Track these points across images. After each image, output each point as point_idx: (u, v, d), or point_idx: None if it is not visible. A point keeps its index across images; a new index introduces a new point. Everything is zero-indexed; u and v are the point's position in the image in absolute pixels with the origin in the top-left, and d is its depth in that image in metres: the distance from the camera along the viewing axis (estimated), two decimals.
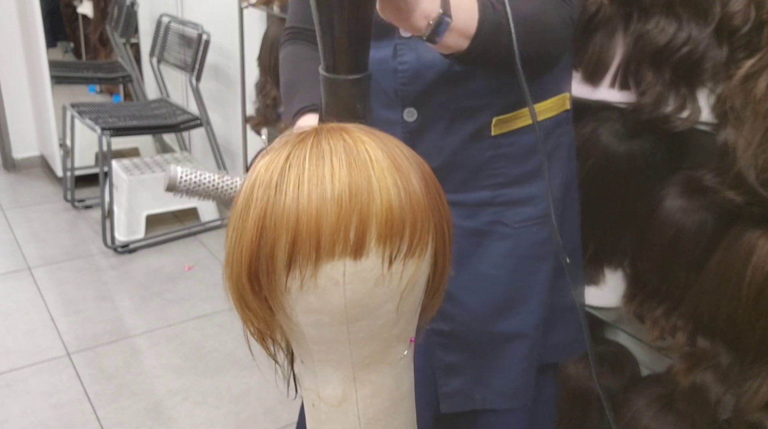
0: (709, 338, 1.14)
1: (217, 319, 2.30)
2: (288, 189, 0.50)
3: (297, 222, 0.49)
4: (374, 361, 0.58)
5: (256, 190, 0.52)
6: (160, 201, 2.87)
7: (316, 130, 0.54)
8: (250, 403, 1.92)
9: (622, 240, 1.32)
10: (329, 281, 0.51)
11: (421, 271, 0.55)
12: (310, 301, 0.53)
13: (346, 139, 0.52)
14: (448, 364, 1.03)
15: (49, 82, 3.07)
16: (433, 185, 0.55)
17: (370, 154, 0.51)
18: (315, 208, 0.49)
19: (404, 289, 0.54)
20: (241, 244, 0.52)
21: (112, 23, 3.58)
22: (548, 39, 0.82)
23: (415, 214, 0.52)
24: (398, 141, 0.56)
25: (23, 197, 3.21)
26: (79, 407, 1.85)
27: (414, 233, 0.52)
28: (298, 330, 0.56)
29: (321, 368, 0.58)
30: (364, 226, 0.50)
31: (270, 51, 2.29)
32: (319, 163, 0.50)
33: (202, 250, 2.80)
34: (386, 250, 0.51)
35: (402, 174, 0.52)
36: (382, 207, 0.50)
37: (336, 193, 0.49)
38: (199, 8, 3.04)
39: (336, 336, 0.55)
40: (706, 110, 1.12)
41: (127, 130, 2.81)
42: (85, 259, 2.67)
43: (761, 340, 1.05)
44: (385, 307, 0.54)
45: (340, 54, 0.62)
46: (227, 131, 3.05)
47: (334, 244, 0.50)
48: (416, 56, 0.88)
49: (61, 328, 2.21)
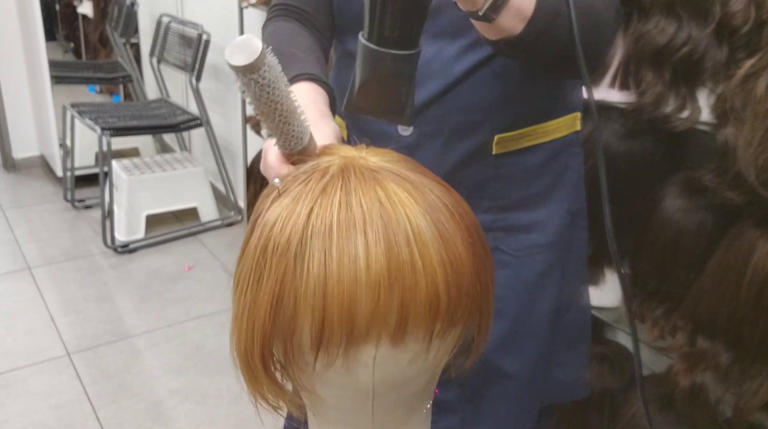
0: (709, 338, 1.14)
1: (217, 319, 2.30)
2: (312, 264, 0.42)
3: (324, 304, 0.42)
4: (397, 423, 0.53)
5: (271, 255, 0.44)
6: (160, 201, 2.87)
7: (342, 172, 0.46)
8: (250, 403, 1.91)
9: (622, 240, 1.32)
10: (358, 364, 0.46)
11: (459, 335, 0.50)
12: (333, 378, 0.47)
13: (382, 199, 0.44)
14: (441, 401, 0.93)
15: (49, 81, 3.07)
16: (478, 241, 0.48)
17: (411, 222, 0.44)
18: (347, 291, 0.42)
19: (439, 360, 0.49)
20: (252, 317, 0.46)
21: (112, 23, 3.58)
22: (603, 32, 0.73)
23: (461, 290, 0.46)
24: (432, 181, 0.48)
25: (23, 197, 3.21)
26: (79, 407, 1.85)
27: (458, 308, 0.46)
28: (315, 399, 0.51)
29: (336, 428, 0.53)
30: (406, 313, 0.43)
31: None
32: (350, 234, 0.42)
33: (202, 250, 2.80)
34: (427, 333, 0.45)
35: (448, 245, 0.45)
36: (426, 291, 0.43)
37: (373, 276, 0.42)
38: (199, 8, 3.05)
39: (358, 406, 0.50)
40: (706, 110, 1.12)
41: (127, 130, 2.81)
42: (85, 259, 2.67)
43: (761, 340, 1.05)
44: (416, 381, 0.49)
45: (392, 21, 0.51)
46: (227, 131, 3.05)
47: (370, 332, 0.44)
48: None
49: (61, 328, 2.21)
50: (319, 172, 0.47)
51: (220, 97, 3.06)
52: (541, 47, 0.67)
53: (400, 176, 0.46)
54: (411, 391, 0.50)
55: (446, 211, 0.46)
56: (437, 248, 0.44)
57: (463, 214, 0.49)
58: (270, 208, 0.46)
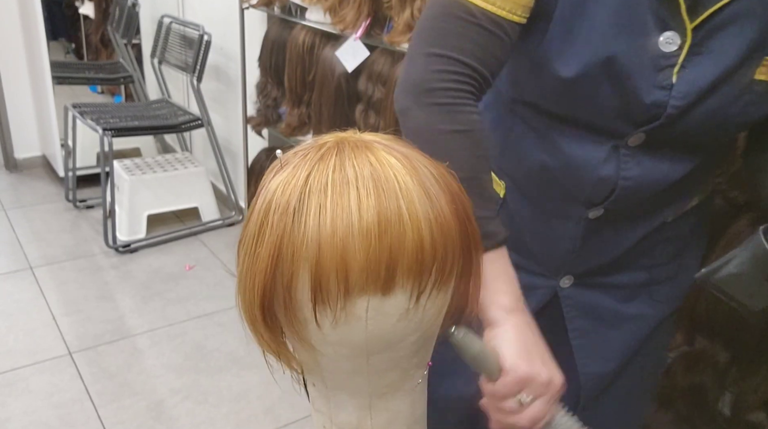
0: (707, 338, 1.14)
1: (218, 318, 2.31)
2: (308, 218, 0.46)
3: (319, 255, 0.45)
4: (392, 389, 0.55)
5: (272, 215, 0.47)
6: (161, 201, 2.87)
7: (337, 145, 0.49)
8: (251, 402, 1.92)
9: None
10: (351, 316, 0.48)
11: (446, 299, 0.52)
12: (329, 334, 0.50)
13: (372, 162, 0.47)
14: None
15: (50, 82, 3.08)
16: (461, 206, 0.51)
17: (399, 180, 0.47)
18: (341, 241, 0.45)
19: (428, 321, 0.52)
20: (253, 271, 0.48)
21: (114, 24, 3.59)
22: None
23: (446, 246, 0.48)
24: (422, 155, 0.51)
25: (25, 197, 3.21)
26: (80, 406, 1.86)
27: (444, 266, 0.49)
28: (313, 359, 0.53)
29: (335, 395, 0.55)
30: (394, 262, 0.46)
31: (270, 52, 2.29)
32: (343, 190, 0.46)
33: (203, 249, 2.81)
34: (414, 285, 0.48)
35: (433, 202, 0.48)
36: (413, 242, 0.46)
37: (365, 226, 0.45)
38: (200, 9, 3.05)
39: (354, 367, 0.52)
40: None
41: (129, 131, 2.82)
42: (87, 258, 2.68)
43: (760, 340, 1.06)
44: (408, 340, 0.52)
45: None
46: (228, 132, 3.06)
47: (366, 281, 0.46)
48: (641, 171, 0.73)
49: (62, 327, 2.22)
50: (317, 146, 0.50)
51: (220, 97, 3.07)
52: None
53: (390, 147, 0.50)
54: (403, 352, 0.52)
55: (432, 178, 0.49)
56: (423, 205, 0.47)
57: (449, 183, 0.51)
58: (273, 179, 0.49)
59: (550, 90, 0.72)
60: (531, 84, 0.75)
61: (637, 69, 0.66)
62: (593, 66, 0.67)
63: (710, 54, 0.65)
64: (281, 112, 2.37)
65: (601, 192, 0.75)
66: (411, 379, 0.56)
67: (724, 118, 0.68)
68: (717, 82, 0.65)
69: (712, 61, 0.65)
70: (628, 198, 0.75)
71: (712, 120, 0.68)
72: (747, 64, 0.65)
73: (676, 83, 0.66)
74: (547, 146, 0.76)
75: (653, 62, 0.66)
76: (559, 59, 0.69)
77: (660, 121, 0.68)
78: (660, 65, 0.66)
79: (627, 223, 0.80)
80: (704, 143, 0.73)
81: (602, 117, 0.71)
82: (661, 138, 0.71)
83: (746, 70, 0.65)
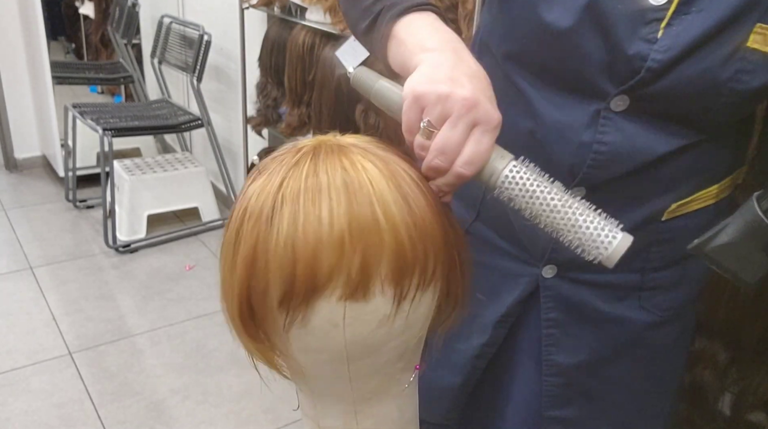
0: (707, 337, 1.14)
1: (218, 318, 2.31)
2: (281, 225, 0.46)
3: (294, 262, 0.45)
4: (377, 394, 0.54)
5: (246, 223, 0.48)
6: (161, 201, 2.87)
7: (314, 149, 0.49)
8: (251, 401, 1.92)
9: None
10: (328, 323, 0.48)
11: (430, 304, 0.52)
12: (307, 341, 0.49)
13: (346, 167, 0.47)
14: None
15: (50, 82, 3.08)
16: (443, 211, 0.51)
17: (373, 186, 0.46)
18: (312, 249, 0.45)
19: (413, 326, 0.51)
20: (231, 280, 0.49)
21: (114, 24, 3.59)
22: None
23: (427, 249, 0.48)
24: (401, 159, 0.50)
25: (25, 197, 3.21)
26: (80, 406, 1.86)
27: (426, 269, 0.48)
28: (295, 366, 0.53)
29: (320, 400, 0.55)
30: (369, 267, 0.46)
31: (270, 52, 2.29)
32: (315, 198, 0.46)
33: (203, 249, 2.81)
34: (395, 290, 0.48)
35: (411, 206, 0.47)
36: (391, 247, 0.46)
37: (335, 233, 0.45)
38: (200, 9, 3.05)
39: (336, 373, 0.52)
40: None
41: (129, 131, 2.82)
42: (87, 258, 2.68)
43: (760, 339, 1.06)
44: (389, 345, 0.51)
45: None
46: (228, 132, 3.06)
47: (331, 286, 0.46)
48: (622, 137, 0.71)
49: (62, 327, 2.22)
50: (294, 150, 0.50)
51: (221, 97, 3.07)
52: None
53: (366, 151, 0.49)
54: (386, 358, 0.52)
55: (410, 181, 0.49)
56: (400, 209, 0.47)
57: (429, 185, 0.51)
58: (250, 185, 0.50)
59: (536, 39, 0.72)
60: (519, 35, 0.75)
61: (622, 19, 0.65)
62: (575, 11, 0.66)
63: (699, 14, 0.64)
64: (281, 112, 2.37)
65: (582, 160, 0.73)
66: (397, 383, 0.55)
67: (713, 82, 0.66)
68: (704, 38, 0.64)
69: (700, 20, 0.64)
70: (606, 166, 0.72)
71: (699, 82, 0.66)
72: (737, 25, 0.64)
73: (661, 38, 0.65)
74: (533, 111, 0.75)
75: (641, 14, 0.65)
76: (544, 2, 0.68)
77: (641, 75, 0.66)
78: (647, 18, 0.65)
79: (612, 209, 0.73)
80: (695, 113, 0.70)
81: (586, 72, 0.69)
82: (646, 102, 0.69)
83: (736, 33, 0.64)
